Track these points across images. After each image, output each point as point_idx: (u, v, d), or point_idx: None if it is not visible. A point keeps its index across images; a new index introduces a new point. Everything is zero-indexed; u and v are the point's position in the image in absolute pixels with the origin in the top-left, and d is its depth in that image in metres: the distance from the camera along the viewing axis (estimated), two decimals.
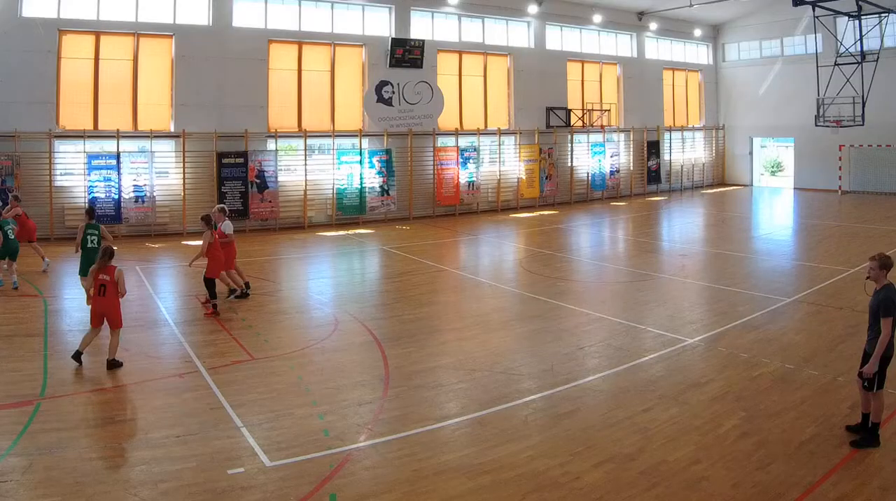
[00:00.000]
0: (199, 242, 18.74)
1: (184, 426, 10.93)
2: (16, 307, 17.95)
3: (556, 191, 43.03)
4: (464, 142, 39.52)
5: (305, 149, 34.81)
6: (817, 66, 41.07)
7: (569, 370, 13.50)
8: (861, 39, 39.65)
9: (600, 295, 20.43)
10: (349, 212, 35.74)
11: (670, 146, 49.28)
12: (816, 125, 41.75)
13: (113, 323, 13.91)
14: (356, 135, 36.22)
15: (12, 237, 20.55)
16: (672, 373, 13.33)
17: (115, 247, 14.73)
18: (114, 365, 13.57)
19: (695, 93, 51.97)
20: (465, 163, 39.16)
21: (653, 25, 47.49)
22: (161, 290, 21.11)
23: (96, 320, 13.93)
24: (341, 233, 33.23)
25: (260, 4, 34.20)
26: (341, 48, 36.34)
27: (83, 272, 18.09)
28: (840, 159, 45.33)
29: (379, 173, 36.45)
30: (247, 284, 19.81)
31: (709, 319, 17.32)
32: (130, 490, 8.98)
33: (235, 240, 19.97)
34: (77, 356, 13.64)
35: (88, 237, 18.61)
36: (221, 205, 20.88)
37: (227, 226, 19.45)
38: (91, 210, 20.46)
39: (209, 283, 17.97)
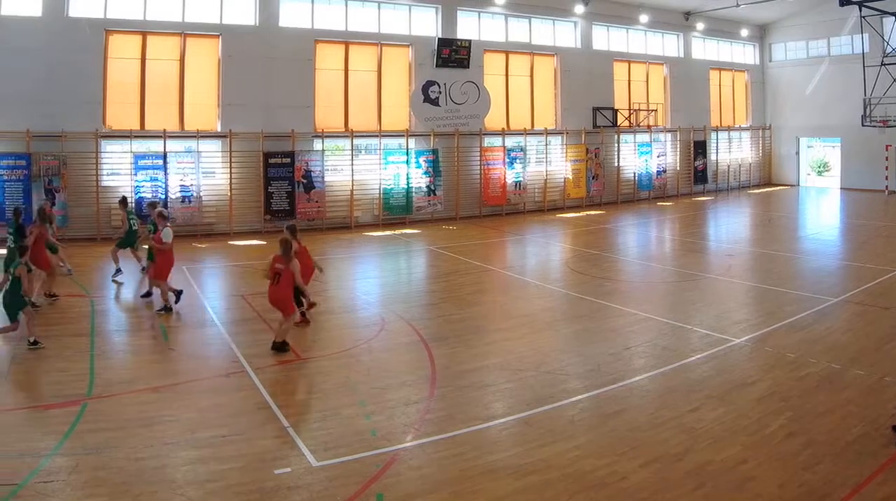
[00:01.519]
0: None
1: (230, 426, 10.57)
2: (63, 307, 17.14)
3: (603, 191, 41.04)
4: (510, 142, 37.68)
5: (352, 149, 33.23)
6: (864, 66, 39.32)
7: (615, 370, 13.00)
8: None
9: (647, 295, 19.59)
10: (396, 212, 34.12)
11: (717, 146, 46.90)
12: (863, 125, 39.97)
13: (285, 311, 14.06)
14: (403, 136, 34.55)
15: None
16: (719, 373, 12.83)
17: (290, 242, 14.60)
18: (282, 347, 13.78)
19: (741, 93, 49.46)
20: (511, 163, 37.30)
21: (699, 25, 45.21)
22: (208, 290, 20.36)
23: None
24: (388, 232, 31.84)
25: (307, 4, 32.60)
26: (388, 48, 34.62)
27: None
28: (887, 159, 42.87)
29: (426, 173, 34.79)
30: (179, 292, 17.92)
31: (755, 319, 16.62)
32: (177, 490, 8.70)
33: (172, 250, 17.95)
34: (275, 346, 13.84)
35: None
36: (160, 209, 18.79)
37: (167, 234, 17.54)
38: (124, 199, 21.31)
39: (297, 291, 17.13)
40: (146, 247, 18.89)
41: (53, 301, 17.95)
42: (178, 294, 17.64)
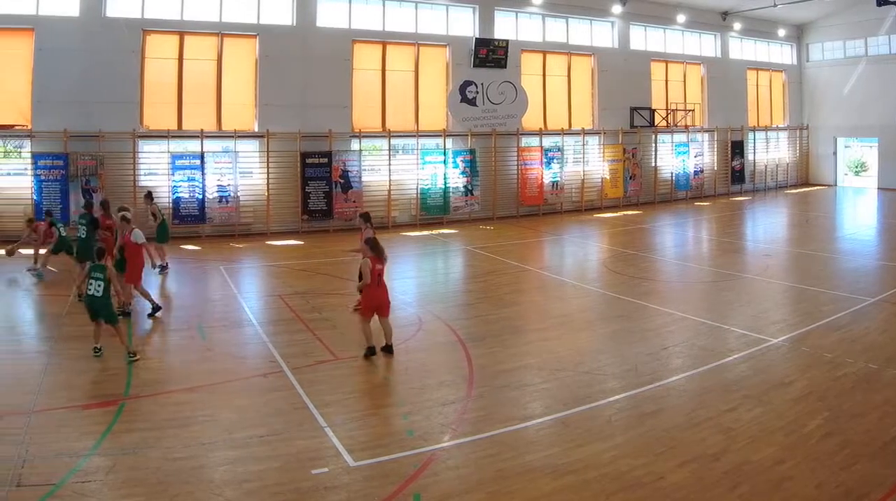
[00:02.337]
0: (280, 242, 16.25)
1: (268, 426, 10.26)
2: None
3: (640, 191, 39.45)
4: (548, 142, 36.20)
5: (389, 149, 32.00)
6: None
7: (653, 370, 12.60)
8: None
9: (684, 295, 19.02)
10: (433, 211, 32.85)
11: (754, 146, 45.07)
12: None
13: (386, 312, 13.56)
14: (440, 135, 33.25)
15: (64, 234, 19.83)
16: (756, 373, 12.41)
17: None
18: (390, 350, 13.40)
19: (779, 93, 47.48)
20: (548, 163, 35.89)
21: (737, 25, 43.35)
22: (245, 290, 19.64)
23: (371, 312, 13.26)
24: (425, 232, 30.66)
25: (344, 4, 31.39)
26: (425, 48, 33.32)
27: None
28: None
29: (463, 173, 33.50)
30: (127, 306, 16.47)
31: (793, 319, 16.08)
32: (214, 490, 8.47)
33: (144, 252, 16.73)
34: (387, 348, 13.39)
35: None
36: (123, 213, 17.18)
37: (138, 236, 16.26)
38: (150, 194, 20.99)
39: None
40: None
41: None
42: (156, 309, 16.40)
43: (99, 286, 13.07)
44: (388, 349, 13.36)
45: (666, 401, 11.18)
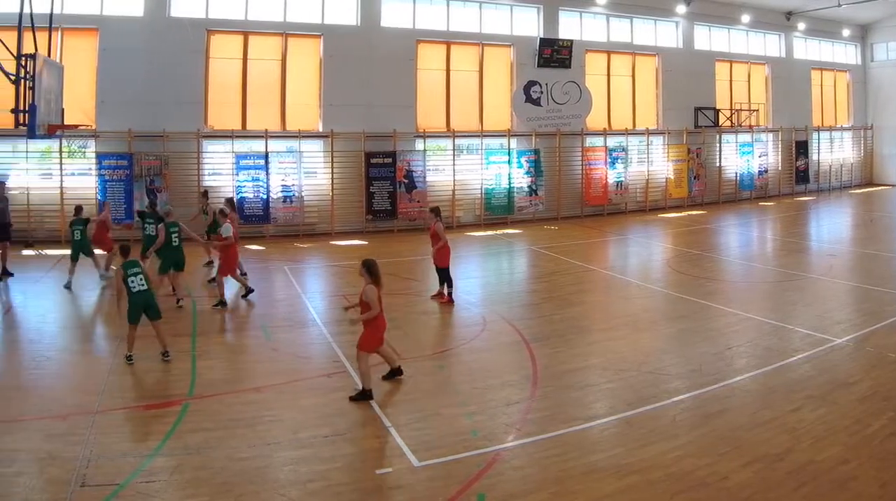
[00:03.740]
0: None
1: (332, 426, 9.64)
2: (164, 307, 14.54)
3: (705, 191, 36.00)
4: (612, 141, 33.10)
5: (454, 149, 29.28)
6: None
7: (717, 370, 11.78)
8: None
9: (748, 295, 17.62)
10: (497, 211, 30.01)
11: (818, 146, 41.20)
12: None
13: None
14: (504, 136, 30.40)
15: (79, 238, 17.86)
16: (820, 373, 11.63)
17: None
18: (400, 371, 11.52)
19: (843, 93, 43.36)
20: (613, 163, 32.78)
21: (801, 25, 39.53)
22: (309, 290, 18.23)
23: (378, 343, 10.95)
24: (489, 232, 28.10)
25: (408, 4, 28.72)
26: (489, 48, 30.42)
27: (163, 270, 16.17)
28: None
29: (527, 173, 30.62)
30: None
31: (857, 319, 14.98)
32: (279, 490, 7.97)
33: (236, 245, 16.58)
34: (395, 373, 11.41)
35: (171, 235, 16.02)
36: (222, 207, 17.39)
37: (226, 229, 16.05)
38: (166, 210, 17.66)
39: (443, 272, 16.20)
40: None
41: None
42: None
43: (142, 280, 12.04)
44: (398, 371, 11.45)
45: (730, 401, 10.44)
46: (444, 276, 16.35)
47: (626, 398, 10.57)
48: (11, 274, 18.50)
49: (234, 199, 20.97)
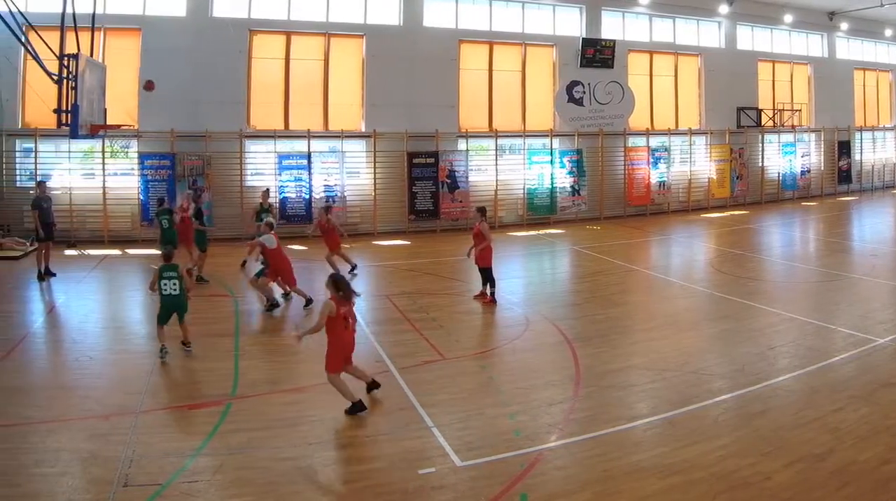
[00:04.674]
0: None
1: (374, 426, 8.99)
2: (206, 307, 14.58)
3: (747, 191, 33.32)
4: (655, 141, 30.68)
5: (496, 149, 27.15)
6: None
7: (759, 370, 11.03)
8: None
9: (791, 295, 16.41)
10: (540, 211, 27.80)
11: (861, 146, 38.17)
12: None
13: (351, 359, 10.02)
14: (547, 136, 28.15)
15: (167, 226, 17.11)
16: (863, 373, 10.82)
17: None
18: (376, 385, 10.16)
19: (885, 93, 40.20)
20: (655, 163, 30.39)
21: (843, 25, 36.55)
22: None
23: (342, 363, 9.54)
24: (532, 233, 26.00)
25: (451, 4, 26.66)
26: (532, 48, 28.21)
27: None
28: None
29: (570, 173, 28.36)
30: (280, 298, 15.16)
31: None
32: (321, 489, 7.47)
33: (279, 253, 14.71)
34: (372, 387, 10.06)
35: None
36: (270, 220, 15.50)
37: (269, 240, 14.40)
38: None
39: (486, 272, 15.12)
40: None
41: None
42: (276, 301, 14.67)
43: (175, 285, 11.41)
44: (374, 385, 10.07)
45: (773, 401, 9.79)
46: (487, 276, 15.19)
47: (669, 398, 9.89)
48: (54, 274, 17.27)
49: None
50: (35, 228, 17.19)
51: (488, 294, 15.16)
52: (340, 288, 9.34)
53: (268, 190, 19.80)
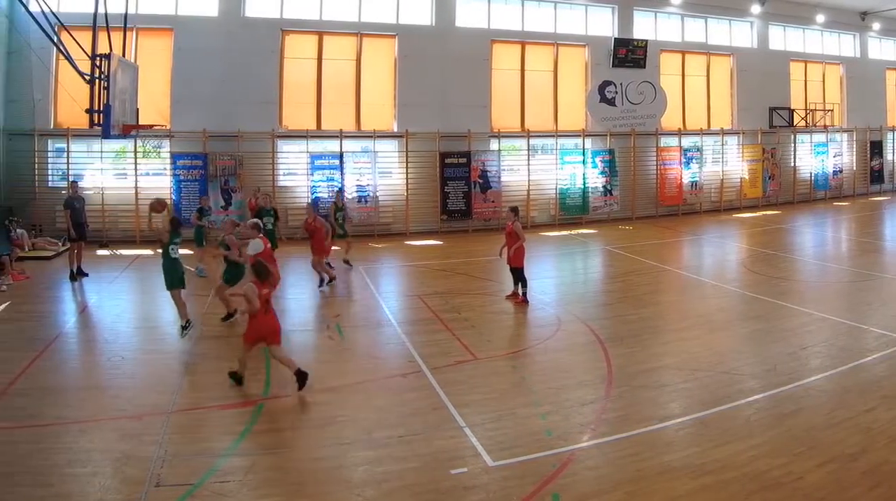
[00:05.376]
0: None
1: (407, 426, 8.39)
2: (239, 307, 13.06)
3: (779, 191, 31.16)
4: (687, 142, 28.67)
5: (528, 149, 25.41)
6: None
7: (791, 370, 10.17)
8: None
9: (823, 295, 15.42)
10: (572, 211, 26.01)
11: (893, 146, 35.61)
12: None
13: (276, 339, 9.62)
14: (579, 136, 26.35)
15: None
16: (895, 373, 9.90)
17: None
18: (303, 378, 9.51)
19: None
20: (687, 163, 28.38)
21: (876, 25, 34.11)
22: (384, 290, 16.12)
23: (256, 341, 9.52)
24: (564, 232, 24.33)
25: (483, 4, 24.99)
26: (564, 48, 26.43)
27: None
28: None
29: (602, 173, 26.53)
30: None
31: None
32: (353, 490, 6.93)
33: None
34: (301, 376, 9.48)
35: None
36: (255, 220, 13.53)
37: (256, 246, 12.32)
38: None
39: (518, 272, 14.22)
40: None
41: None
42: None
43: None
44: (301, 377, 9.44)
45: (805, 401, 9.21)
46: (519, 276, 14.28)
47: (701, 398, 9.32)
48: (86, 275, 16.26)
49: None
50: (67, 228, 16.20)
51: (520, 294, 14.23)
52: (257, 271, 9.43)
53: (340, 190, 18.48)
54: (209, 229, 16.92)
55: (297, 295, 15.03)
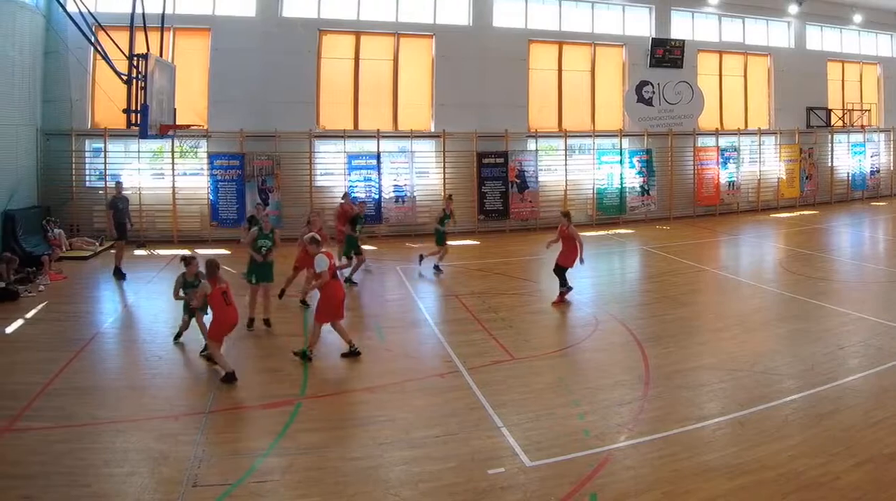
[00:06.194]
0: None
1: (444, 426, 7.75)
2: (276, 307, 12.39)
3: (817, 191, 28.55)
4: (724, 141, 26.29)
5: (566, 149, 23.31)
6: None
7: (829, 370, 9.35)
8: None
9: (860, 295, 14.10)
10: (609, 211, 23.89)
11: None
12: None
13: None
14: (616, 135, 24.21)
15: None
16: None
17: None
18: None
19: None
20: (725, 163, 26.05)
21: None
22: (421, 291, 14.91)
23: (223, 335, 9.24)
24: (601, 232, 22.27)
25: (520, 4, 22.95)
26: (601, 48, 24.29)
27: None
28: None
29: (639, 173, 24.36)
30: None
31: None
32: (391, 490, 6.44)
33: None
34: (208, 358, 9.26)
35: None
36: (312, 234, 10.54)
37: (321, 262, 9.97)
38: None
39: (561, 271, 13.25)
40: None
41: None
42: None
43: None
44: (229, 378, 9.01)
45: (842, 401, 8.29)
46: (562, 275, 13.23)
47: (738, 398, 8.60)
48: (124, 276, 14.91)
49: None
50: (109, 228, 15.10)
51: (562, 292, 13.28)
52: (207, 269, 9.17)
53: (451, 195, 17.27)
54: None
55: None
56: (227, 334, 9.33)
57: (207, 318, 9.86)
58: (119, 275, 14.84)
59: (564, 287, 13.25)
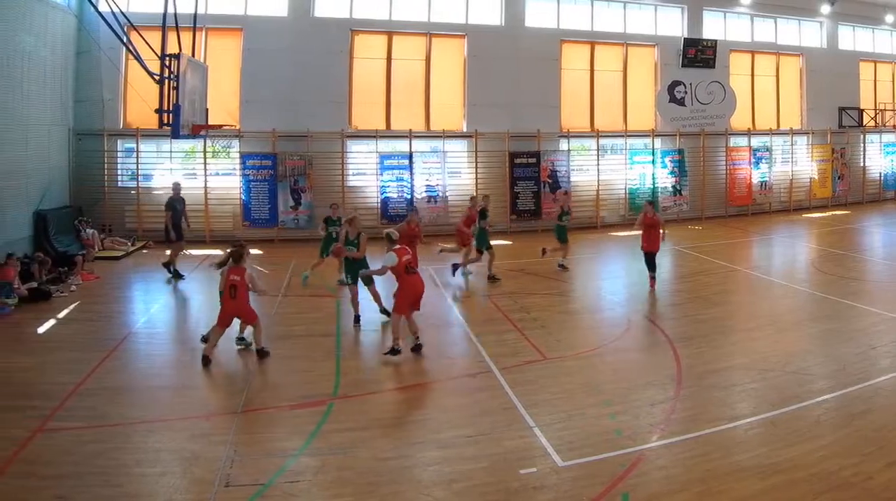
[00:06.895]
0: None
1: (476, 426, 7.25)
2: (308, 308, 12.11)
3: (849, 191, 26.50)
4: (756, 141, 24.34)
5: (598, 149, 21.65)
6: None
7: (861, 370, 8.62)
8: None
9: (892, 295, 12.76)
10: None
11: None
12: None
13: (249, 320, 9.16)
14: (648, 136, 22.47)
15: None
16: None
17: (244, 249, 9.27)
18: (263, 354, 9.08)
19: None
20: (757, 163, 24.11)
21: None
22: (453, 291, 13.80)
23: (227, 321, 9.02)
24: (633, 233, 20.38)
25: (552, 4, 21.32)
26: (633, 48, 22.55)
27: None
28: None
29: (671, 173, 22.56)
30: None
31: None
32: (423, 490, 6.07)
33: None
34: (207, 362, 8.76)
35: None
36: (390, 230, 10.19)
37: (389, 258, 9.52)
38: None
39: (651, 257, 12.88)
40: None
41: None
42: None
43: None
44: (259, 353, 8.99)
45: (874, 401, 7.67)
46: (652, 260, 13.07)
47: (770, 398, 7.86)
48: (172, 277, 14.10)
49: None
50: (166, 229, 14.23)
51: (652, 277, 13.10)
52: (234, 256, 9.10)
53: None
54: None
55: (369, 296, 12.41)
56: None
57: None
58: (178, 276, 13.99)
59: (654, 271, 13.04)
